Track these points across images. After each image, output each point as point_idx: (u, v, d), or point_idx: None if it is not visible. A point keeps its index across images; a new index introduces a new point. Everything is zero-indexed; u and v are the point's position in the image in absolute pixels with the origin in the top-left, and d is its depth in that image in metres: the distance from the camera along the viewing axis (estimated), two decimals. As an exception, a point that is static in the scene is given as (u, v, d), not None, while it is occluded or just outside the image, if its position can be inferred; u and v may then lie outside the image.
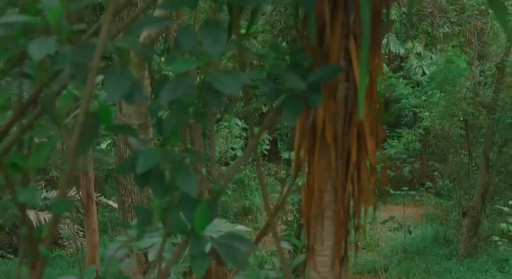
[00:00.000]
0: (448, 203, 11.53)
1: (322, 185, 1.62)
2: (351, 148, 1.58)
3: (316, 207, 1.64)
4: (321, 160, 1.59)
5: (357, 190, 1.64)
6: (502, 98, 8.66)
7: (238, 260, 1.33)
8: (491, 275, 7.99)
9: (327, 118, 1.52)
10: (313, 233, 1.69)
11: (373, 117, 1.58)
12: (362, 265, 9.85)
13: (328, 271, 1.70)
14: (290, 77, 1.27)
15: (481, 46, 9.23)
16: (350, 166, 1.60)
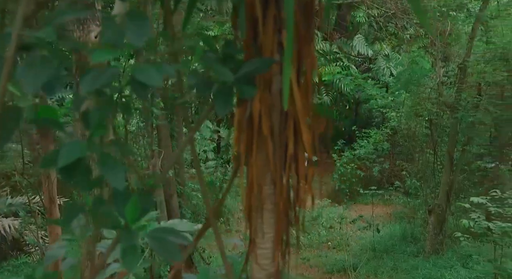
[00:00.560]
0: (416, 201, 11.75)
1: (261, 178, 1.64)
2: (288, 141, 1.60)
3: (256, 200, 1.66)
4: (259, 153, 1.61)
5: (296, 183, 1.67)
6: (464, 98, 8.89)
7: (171, 253, 1.33)
8: (455, 271, 8.17)
9: (263, 111, 1.54)
10: (254, 226, 1.70)
11: (308, 110, 1.61)
12: (332, 265, 9.94)
13: (269, 264, 1.72)
14: (219, 69, 1.28)
15: (444, 47, 9.45)
16: (288, 159, 1.62)
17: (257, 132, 1.57)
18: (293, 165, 1.64)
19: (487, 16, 8.96)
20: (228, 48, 1.39)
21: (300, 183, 1.66)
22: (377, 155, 14.91)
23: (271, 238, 1.69)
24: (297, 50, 1.52)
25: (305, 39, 1.53)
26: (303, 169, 1.65)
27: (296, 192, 1.67)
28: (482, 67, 8.77)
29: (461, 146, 9.58)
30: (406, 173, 12.55)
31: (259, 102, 1.52)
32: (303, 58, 1.55)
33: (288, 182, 1.65)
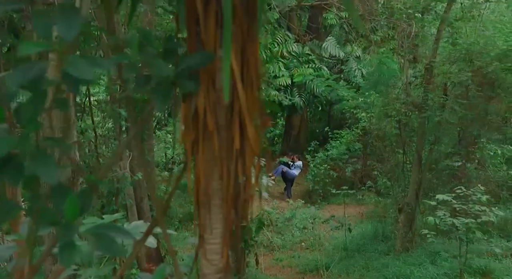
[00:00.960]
0: (387, 201, 11.94)
1: (208, 174, 1.64)
2: (234, 136, 1.61)
3: (203, 195, 1.66)
4: (206, 148, 1.61)
5: (243, 178, 1.68)
6: (431, 98, 9.06)
7: (111, 249, 1.32)
8: (424, 268, 8.31)
9: (208, 107, 1.55)
10: (203, 222, 1.70)
11: (254, 105, 1.62)
12: (304, 265, 10.00)
13: (218, 259, 1.72)
14: (157, 63, 1.28)
15: (411, 49, 9.64)
16: (234, 154, 1.63)
17: (202, 127, 1.58)
18: (240, 160, 1.64)
19: (452, 18, 9.17)
20: (169, 43, 1.39)
21: (247, 178, 1.67)
22: (349, 156, 15.11)
23: (220, 233, 1.70)
24: (241, 45, 1.53)
25: (249, 34, 1.54)
26: (250, 164, 1.66)
27: (243, 187, 1.68)
28: (447, 67, 8.97)
29: (429, 145, 9.77)
30: (377, 173, 12.73)
31: (203, 97, 1.53)
32: (247, 54, 1.56)
33: (235, 177, 1.66)
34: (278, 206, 14.09)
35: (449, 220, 6.65)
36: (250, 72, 1.59)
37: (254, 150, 1.66)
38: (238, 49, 1.51)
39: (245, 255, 9.36)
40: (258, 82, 1.62)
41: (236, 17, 1.49)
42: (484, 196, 6.90)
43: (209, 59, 1.40)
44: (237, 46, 1.51)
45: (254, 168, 1.68)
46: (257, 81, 1.62)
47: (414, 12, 8.77)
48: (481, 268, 8.03)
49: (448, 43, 9.59)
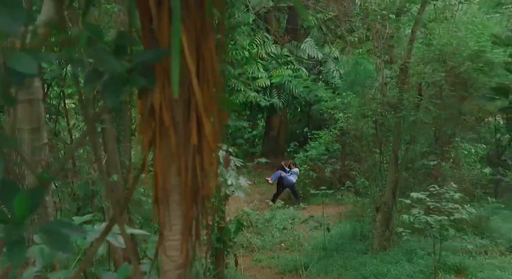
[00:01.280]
0: (365, 200, 12.05)
1: (166, 170, 1.64)
2: (191, 132, 1.62)
3: (161, 192, 1.66)
4: (163, 144, 1.62)
5: (201, 174, 1.69)
6: (406, 98, 9.19)
7: (60, 245, 1.31)
8: (401, 266, 8.41)
9: (164, 103, 1.55)
10: (162, 218, 1.71)
11: (211, 102, 1.63)
12: (284, 265, 10.03)
13: (178, 255, 1.72)
14: (107, 59, 1.28)
15: (387, 49, 9.76)
16: (192, 150, 1.64)
17: (159, 124, 1.58)
18: (198, 156, 1.65)
19: (426, 19, 9.32)
20: (121, 39, 1.39)
21: (206, 174, 1.68)
22: (328, 156, 15.21)
23: (179, 229, 1.70)
24: (195, 42, 1.54)
25: (203, 31, 1.55)
26: (208, 160, 1.67)
27: (201, 183, 1.68)
28: (422, 68, 9.11)
29: (405, 145, 9.90)
30: (356, 173, 12.85)
31: (159, 93, 1.53)
32: (202, 50, 1.57)
33: (193, 173, 1.66)
34: (258, 207, 14.12)
35: (423, 217, 6.75)
36: (206, 68, 1.60)
37: (211, 146, 1.67)
38: (192, 45, 1.52)
39: (224, 256, 9.35)
40: (214, 78, 1.63)
41: (189, 13, 1.50)
42: (456, 193, 7.02)
43: (159, 55, 1.41)
44: (191, 42, 1.51)
45: (211, 163, 1.69)
46: (214, 77, 1.63)
47: (389, 13, 8.89)
48: (456, 265, 8.17)
49: (423, 44, 9.75)
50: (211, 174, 1.69)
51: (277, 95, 16.45)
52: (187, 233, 1.71)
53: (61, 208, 7.65)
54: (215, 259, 9.10)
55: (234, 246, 10.04)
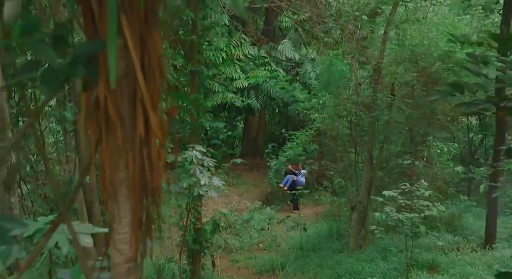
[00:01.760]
0: (341, 200, 12.16)
1: (113, 163, 1.65)
2: (138, 125, 1.63)
3: (109, 185, 1.67)
4: (109, 138, 1.62)
5: (149, 167, 1.69)
6: (379, 98, 9.31)
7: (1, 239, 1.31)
8: (375, 264, 8.52)
9: (109, 96, 1.55)
10: (111, 212, 1.71)
11: (157, 95, 1.64)
12: (261, 265, 10.06)
13: (128, 248, 1.72)
14: (43, 49, 1.28)
15: (360, 50, 9.88)
16: (139, 143, 1.64)
17: (105, 117, 1.58)
18: (145, 149, 1.66)
19: (398, 20, 9.47)
20: (59, 30, 1.39)
21: (154, 168, 1.69)
22: (306, 157, 15.28)
23: (128, 223, 1.70)
24: (139, 34, 1.55)
25: (147, 23, 1.55)
26: (156, 153, 1.68)
27: (149, 177, 1.69)
28: (394, 68, 9.25)
29: (379, 144, 10.02)
30: (333, 173, 12.95)
31: (103, 86, 1.54)
32: (147, 44, 1.58)
33: (141, 167, 1.67)
34: (236, 209, 14.13)
35: (395, 215, 6.85)
36: (152, 62, 1.60)
37: (159, 139, 1.68)
38: (136, 38, 1.53)
39: (200, 257, 9.32)
40: (161, 72, 1.64)
41: (132, 6, 1.51)
42: (427, 191, 7.14)
43: (98, 47, 1.41)
44: (135, 35, 1.52)
45: (159, 156, 1.69)
46: (160, 71, 1.64)
47: (361, 14, 9.01)
48: (428, 262, 8.31)
49: (395, 44, 9.89)
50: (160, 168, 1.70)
51: (254, 96, 16.49)
52: (137, 227, 1.71)
53: (33, 211, 7.55)
54: (192, 260, 9.08)
55: (211, 247, 10.03)
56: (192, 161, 6.44)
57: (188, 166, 6.45)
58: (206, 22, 8.22)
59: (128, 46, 1.52)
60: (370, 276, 8.10)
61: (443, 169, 10.77)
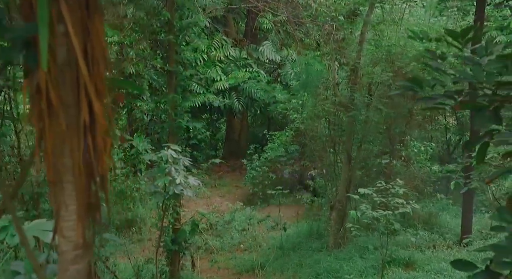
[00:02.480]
0: (322, 199, 12.23)
1: (57, 151, 1.65)
2: (82, 112, 1.64)
3: (54, 173, 1.67)
4: (53, 125, 1.63)
5: (94, 154, 1.70)
6: (357, 98, 9.40)
7: None
8: (353, 262, 8.59)
9: (50, 82, 1.56)
10: (57, 199, 1.71)
11: (101, 82, 1.65)
12: (241, 265, 10.07)
13: (75, 235, 1.73)
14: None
15: (338, 50, 9.96)
16: (84, 130, 1.65)
17: (47, 104, 1.59)
18: (90, 137, 1.67)
19: (374, 21, 9.58)
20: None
21: (100, 155, 1.70)
22: (287, 157, 15.34)
23: (75, 210, 1.71)
24: (81, 21, 1.56)
25: (89, 10, 1.57)
26: (101, 140, 1.69)
27: (95, 163, 1.70)
28: (371, 68, 9.35)
29: (357, 143, 10.11)
30: (314, 173, 13.02)
31: (45, 73, 1.55)
32: (90, 31, 1.59)
33: (86, 153, 1.68)
34: (218, 210, 14.12)
35: (370, 213, 6.92)
36: (95, 49, 1.62)
37: (103, 127, 1.69)
38: (78, 24, 1.54)
39: (179, 258, 9.30)
40: (104, 59, 1.66)
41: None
42: (401, 189, 7.23)
43: (31, 31, 1.42)
44: (76, 21, 1.54)
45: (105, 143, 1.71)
46: (103, 58, 1.65)
47: (337, 15, 9.09)
48: (405, 259, 8.40)
49: (372, 45, 10.00)
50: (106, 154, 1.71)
51: (236, 97, 16.51)
52: (83, 213, 1.72)
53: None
54: (171, 261, 9.05)
55: (191, 248, 10.01)
56: (168, 160, 6.44)
57: (163, 165, 6.44)
58: (184, 22, 8.22)
59: (69, 32, 1.54)
60: (347, 274, 8.16)
61: (421, 169, 10.90)
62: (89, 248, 1.78)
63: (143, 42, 9.08)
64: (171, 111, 8.43)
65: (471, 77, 2.52)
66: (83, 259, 1.76)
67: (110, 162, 1.72)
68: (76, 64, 1.60)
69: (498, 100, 2.44)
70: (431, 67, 3.00)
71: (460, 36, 2.58)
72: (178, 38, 8.30)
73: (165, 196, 6.49)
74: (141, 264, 9.39)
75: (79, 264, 1.77)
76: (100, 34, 1.61)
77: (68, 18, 1.51)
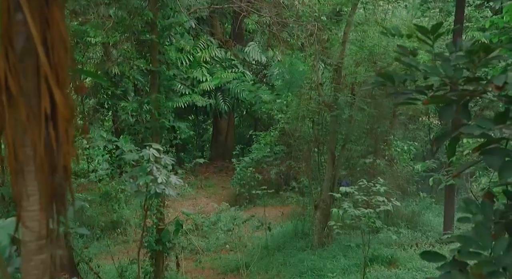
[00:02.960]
0: (307, 199, 12.27)
1: (19, 140, 1.65)
2: (43, 101, 1.64)
3: (15, 162, 1.67)
4: (13, 114, 1.62)
5: (56, 144, 1.70)
6: (340, 97, 9.47)
7: None
8: (337, 260, 8.65)
9: (9, 71, 1.56)
10: (19, 189, 1.71)
11: (62, 71, 1.65)
12: (226, 266, 10.08)
13: (38, 226, 1.73)
14: None
15: (322, 50, 10.02)
16: (45, 120, 1.65)
17: (6, 92, 1.59)
18: (51, 126, 1.66)
19: (357, 21, 9.66)
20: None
21: (62, 144, 1.70)
22: (274, 158, 15.37)
23: (37, 200, 1.71)
24: (40, 10, 1.56)
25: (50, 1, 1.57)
26: (63, 130, 1.69)
27: (57, 152, 1.70)
28: (354, 68, 9.42)
29: (341, 142, 10.17)
30: (301, 173, 13.05)
31: (2, 61, 1.54)
32: (49, 19, 1.59)
33: (49, 142, 1.67)
34: (203, 211, 14.11)
35: (351, 211, 6.97)
36: (55, 37, 1.62)
37: (64, 116, 1.69)
38: (36, 12, 1.55)
39: (164, 258, 9.27)
40: (65, 48, 1.66)
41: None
42: (382, 187, 7.29)
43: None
44: (34, 9, 1.54)
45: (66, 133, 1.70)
46: (64, 47, 1.66)
47: (320, 15, 9.15)
48: (388, 257, 8.47)
49: (356, 45, 10.08)
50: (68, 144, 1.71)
51: (222, 98, 16.52)
52: (46, 204, 1.72)
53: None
54: (155, 261, 9.02)
55: (177, 248, 9.99)
56: (149, 159, 6.43)
57: (145, 164, 6.43)
58: (166, 22, 8.22)
59: (27, 20, 1.54)
60: (331, 272, 8.21)
61: (404, 168, 11.00)
62: (54, 238, 1.77)
63: (127, 42, 9.05)
64: (154, 111, 8.42)
65: (440, 72, 2.57)
66: (47, 249, 1.75)
67: (73, 152, 1.72)
68: (35, 52, 1.59)
69: (467, 94, 2.49)
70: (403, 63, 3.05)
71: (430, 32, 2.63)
72: (161, 37, 8.30)
73: (147, 195, 6.48)
74: (125, 265, 9.35)
75: (43, 255, 1.76)
76: (59, 22, 1.61)
77: (26, 5, 1.51)
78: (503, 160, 2.28)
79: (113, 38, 9.04)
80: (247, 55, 16.68)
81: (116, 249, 11.60)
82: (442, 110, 2.48)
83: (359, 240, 9.29)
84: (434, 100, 2.86)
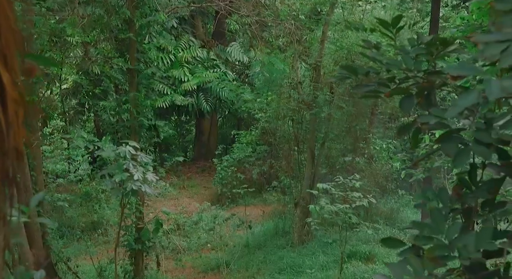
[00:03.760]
0: (288, 198, 12.35)
1: (-32, 121, 1.67)
2: (-10, 83, 1.65)
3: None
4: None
5: (5, 124, 1.72)
6: (319, 96, 9.55)
7: None
8: (316, 257, 8.73)
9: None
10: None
11: (9, 51, 1.67)
12: (207, 264, 10.09)
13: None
14: None
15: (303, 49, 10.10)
16: (-7, 101, 1.67)
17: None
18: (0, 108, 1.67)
19: (335, 21, 9.76)
20: None
21: (11, 128, 1.70)
22: (256, 157, 15.42)
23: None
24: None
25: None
26: (12, 113, 1.70)
27: (6, 137, 1.70)
28: (332, 67, 9.52)
29: (320, 141, 10.26)
30: (282, 172, 13.12)
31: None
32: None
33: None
34: (186, 210, 14.09)
35: (328, 207, 7.04)
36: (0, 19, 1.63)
37: (12, 97, 1.70)
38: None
39: (143, 257, 9.24)
40: (11, 30, 1.68)
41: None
42: (358, 183, 7.38)
43: None
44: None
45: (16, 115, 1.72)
46: (10, 29, 1.67)
47: (298, 14, 9.23)
48: (366, 253, 8.57)
49: (334, 44, 10.18)
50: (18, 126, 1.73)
51: (204, 98, 16.53)
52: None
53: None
54: (134, 260, 8.99)
55: (157, 248, 9.97)
56: (126, 156, 6.42)
57: (121, 162, 6.42)
58: (144, 20, 8.22)
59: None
60: (309, 268, 8.28)
61: (383, 166, 11.13)
62: (8, 232, 1.78)
63: (105, 41, 9.02)
64: (133, 109, 8.41)
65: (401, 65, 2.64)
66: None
67: (23, 133, 1.73)
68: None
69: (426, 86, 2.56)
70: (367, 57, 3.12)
71: (391, 25, 2.70)
72: (140, 36, 8.29)
73: (123, 192, 6.46)
74: (104, 265, 9.30)
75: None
76: (4, 3, 1.62)
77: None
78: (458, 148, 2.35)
79: (91, 37, 9.01)
80: (229, 55, 16.73)
81: (97, 249, 11.53)
82: (402, 102, 2.56)
83: (338, 237, 9.40)
84: (395, 92, 2.93)
